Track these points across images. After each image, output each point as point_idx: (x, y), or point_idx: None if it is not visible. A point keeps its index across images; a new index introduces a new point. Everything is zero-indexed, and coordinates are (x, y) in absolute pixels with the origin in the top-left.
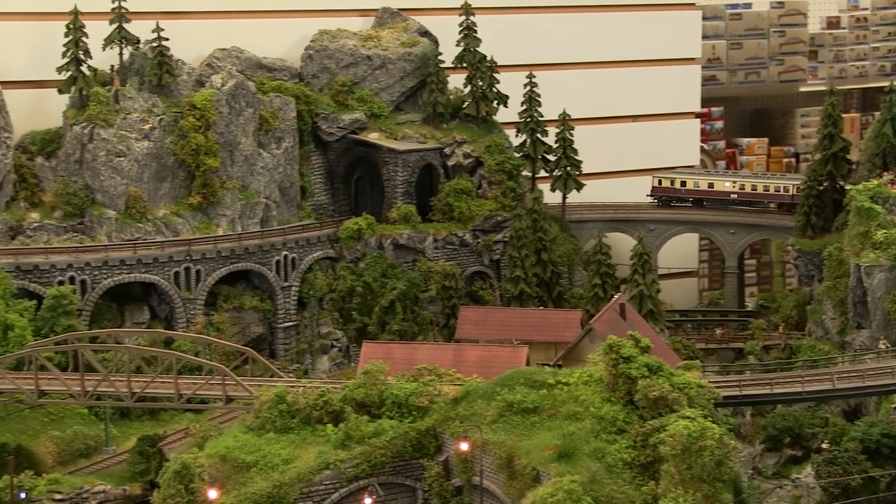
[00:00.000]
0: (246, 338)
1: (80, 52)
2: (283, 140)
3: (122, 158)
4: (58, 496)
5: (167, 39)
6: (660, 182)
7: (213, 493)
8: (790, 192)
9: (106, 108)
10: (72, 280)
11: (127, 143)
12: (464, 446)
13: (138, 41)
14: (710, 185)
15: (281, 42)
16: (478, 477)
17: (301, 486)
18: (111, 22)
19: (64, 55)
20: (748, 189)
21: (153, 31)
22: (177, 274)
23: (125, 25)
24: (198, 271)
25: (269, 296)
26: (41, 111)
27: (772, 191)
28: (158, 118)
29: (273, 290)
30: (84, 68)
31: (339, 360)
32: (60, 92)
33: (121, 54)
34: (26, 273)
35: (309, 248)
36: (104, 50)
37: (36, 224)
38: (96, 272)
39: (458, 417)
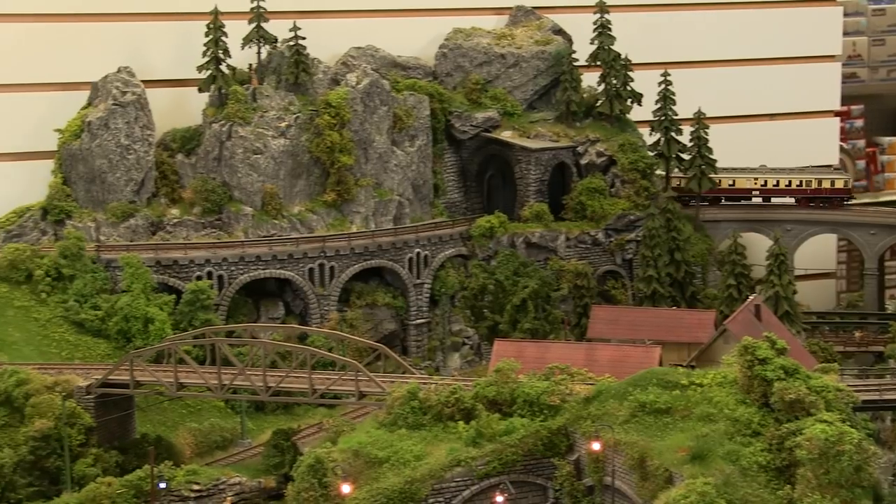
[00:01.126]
0: (378, 334)
1: (220, 52)
2: (417, 138)
3: (258, 156)
4: (195, 487)
5: (304, 38)
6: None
7: (346, 488)
8: (812, 186)
9: (244, 106)
10: (209, 275)
11: (264, 141)
12: (595, 446)
13: (276, 40)
14: (732, 183)
15: (415, 40)
16: (609, 477)
17: (432, 483)
18: (250, 21)
19: (204, 54)
20: (770, 185)
21: (290, 31)
22: (311, 270)
23: (263, 25)
24: (332, 268)
25: (401, 293)
26: (182, 109)
27: (793, 185)
28: (294, 116)
29: (406, 287)
30: (223, 67)
31: (471, 357)
32: (200, 90)
33: (259, 53)
34: (166, 268)
35: (441, 246)
36: (243, 49)
37: (175, 220)
38: (233, 268)
39: (589, 417)
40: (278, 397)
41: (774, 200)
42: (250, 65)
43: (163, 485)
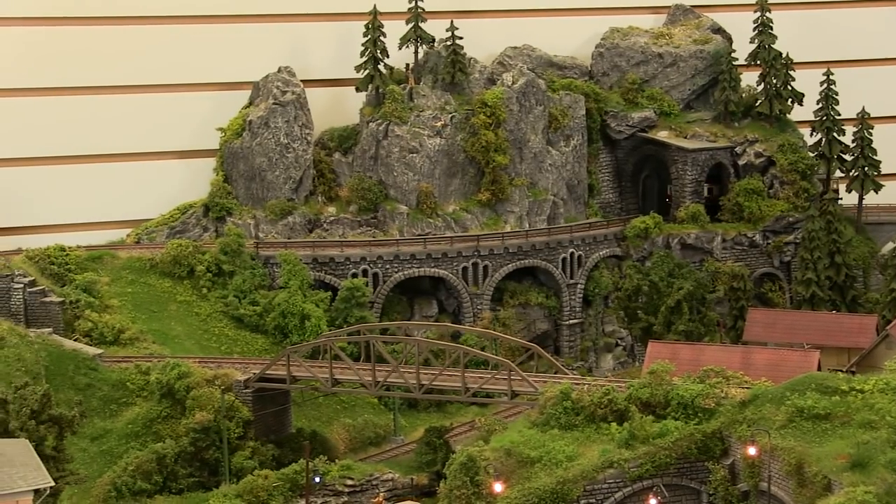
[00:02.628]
0: (531, 334)
1: (378, 51)
2: (572, 138)
3: (414, 155)
4: (349, 482)
5: (461, 38)
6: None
7: (498, 487)
8: None
9: (400, 105)
10: (365, 273)
11: (420, 140)
12: (751, 451)
13: (433, 40)
14: None
15: (572, 40)
16: (765, 483)
17: (584, 484)
18: (407, 21)
19: (362, 54)
20: None
21: (447, 30)
22: (465, 269)
23: (421, 24)
24: (485, 267)
25: (554, 293)
26: (339, 108)
27: None
28: (450, 115)
29: (559, 288)
30: (381, 67)
31: (623, 358)
32: (358, 90)
33: (416, 53)
34: (322, 265)
35: (595, 246)
36: (400, 49)
37: (332, 218)
38: (388, 266)
39: (745, 421)
40: (431, 395)
41: None
42: (407, 64)
43: (317, 479)
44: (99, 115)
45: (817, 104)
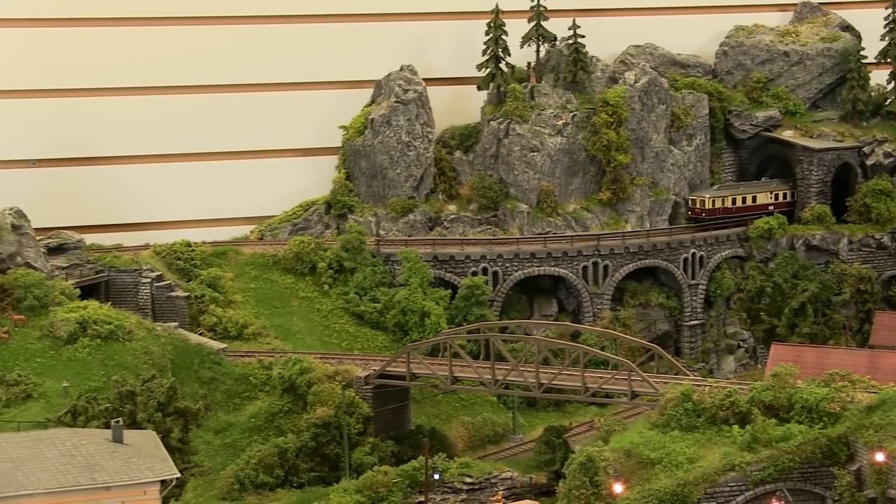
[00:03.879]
0: (651, 334)
1: (500, 50)
2: (695, 137)
3: (535, 153)
4: (468, 480)
5: (583, 36)
6: (705, 203)
7: (618, 488)
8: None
9: (522, 104)
10: (485, 271)
11: (541, 139)
12: (879, 457)
13: (555, 38)
14: (754, 199)
15: (695, 38)
16: (894, 490)
17: (705, 487)
18: (529, 20)
19: (484, 53)
20: (781, 198)
21: (569, 28)
22: (585, 268)
23: (543, 23)
24: (605, 266)
25: (675, 293)
26: (461, 107)
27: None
28: (572, 114)
29: (680, 288)
30: (502, 65)
31: (745, 360)
32: (479, 88)
33: (537, 51)
34: (443, 263)
35: (718, 247)
36: (522, 47)
37: (453, 216)
38: (508, 264)
39: (872, 426)
40: (550, 394)
41: None
42: (529, 63)
43: (437, 476)
44: (225, 113)
45: None
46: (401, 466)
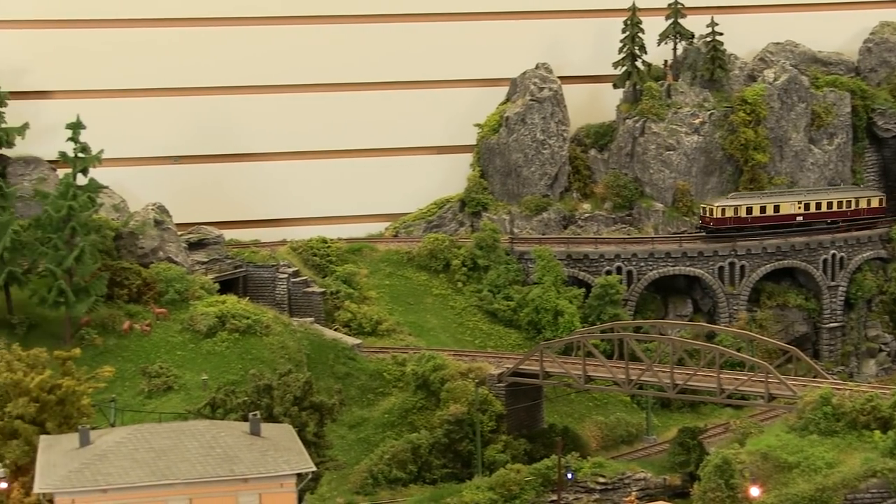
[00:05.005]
0: (789, 336)
1: (636, 48)
2: (836, 136)
3: (671, 152)
4: (601, 479)
5: (721, 34)
6: (713, 212)
7: (754, 491)
8: (859, 206)
9: (658, 102)
10: (619, 270)
11: (677, 137)
12: None
13: (692, 36)
14: (776, 209)
15: (837, 35)
16: None
17: (845, 493)
18: (667, 17)
19: (620, 51)
20: (813, 208)
21: (707, 26)
22: (721, 269)
23: (680, 20)
24: (742, 267)
25: (814, 295)
26: (596, 105)
27: (835, 207)
28: (709, 113)
29: (819, 289)
30: (639, 63)
31: (888, 364)
32: (615, 86)
33: (674, 49)
34: (576, 262)
35: (858, 248)
36: (659, 45)
37: (587, 214)
38: (642, 263)
39: None
40: (685, 395)
41: None
42: (666, 61)
43: (570, 475)
44: (362, 110)
45: None
46: (533, 465)
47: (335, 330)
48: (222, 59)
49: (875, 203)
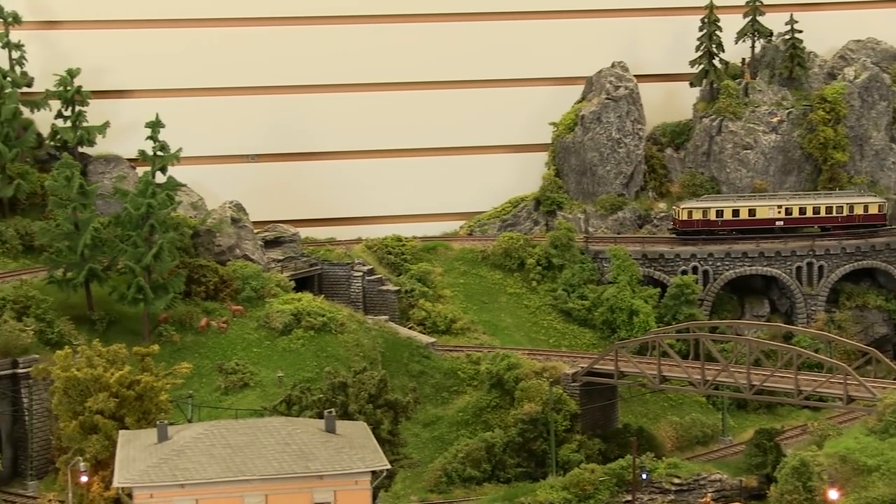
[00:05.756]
0: (868, 337)
1: (713, 46)
2: None
3: (748, 151)
4: (676, 480)
5: (800, 31)
6: (680, 214)
7: (833, 494)
8: (843, 213)
9: (735, 100)
10: (694, 270)
11: (754, 136)
12: None
13: (771, 33)
14: (752, 213)
15: None
16: None
17: None
18: (745, 15)
19: (697, 49)
20: (795, 213)
21: (786, 24)
22: (798, 269)
23: (758, 18)
24: (820, 267)
25: (894, 296)
26: (672, 104)
27: (822, 213)
28: (787, 111)
29: None
30: (716, 61)
31: None
32: (692, 85)
33: (752, 47)
34: (652, 261)
35: None
36: (736, 43)
37: (662, 214)
38: (718, 263)
39: None
40: (761, 396)
41: None
42: (743, 59)
43: (645, 476)
44: (437, 109)
45: None
46: (608, 465)
47: (409, 328)
48: (299, 58)
49: (873, 209)
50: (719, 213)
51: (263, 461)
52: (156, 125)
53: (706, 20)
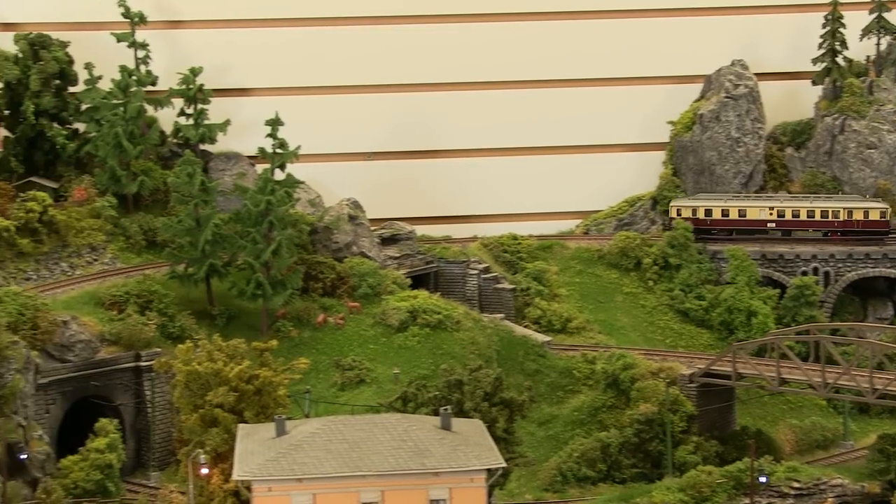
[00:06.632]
0: None
1: (837, 43)
2: None
3: (872, 150)
4: (795, 485)
5: None
6: (668, 212)
7: None
8: (840, 218)
9: (859, 99)
10: (815, 271)
11: (879, 135)
12: None
13: None
14: (742, 214)
15: None
16: None
17: None
18: (870, 11)
19: (820, 46)
20: (788, 216)
21: None
22: None
23: (885, 14)
24: None
25: None
26: (793, 102)
27: (817, 217)
28: None
29: None
30: (839, 59)
31: None
32: (814, 83)
33: (878, 44)
34: (771, 262)
35: None
36: (861, 40)
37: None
38: (840, 264)
39: None
40: (885, 400)
41: None
42: (868, 56)
43: (763, 479)
44: (553, 108)
45: None
46: (725, 467)
47: (525, 327)
48: (417, 57)
49: (874, 216)
50: (708, 212)
51: (380, 457)
52: (275, 123)
53: (829, 17)
